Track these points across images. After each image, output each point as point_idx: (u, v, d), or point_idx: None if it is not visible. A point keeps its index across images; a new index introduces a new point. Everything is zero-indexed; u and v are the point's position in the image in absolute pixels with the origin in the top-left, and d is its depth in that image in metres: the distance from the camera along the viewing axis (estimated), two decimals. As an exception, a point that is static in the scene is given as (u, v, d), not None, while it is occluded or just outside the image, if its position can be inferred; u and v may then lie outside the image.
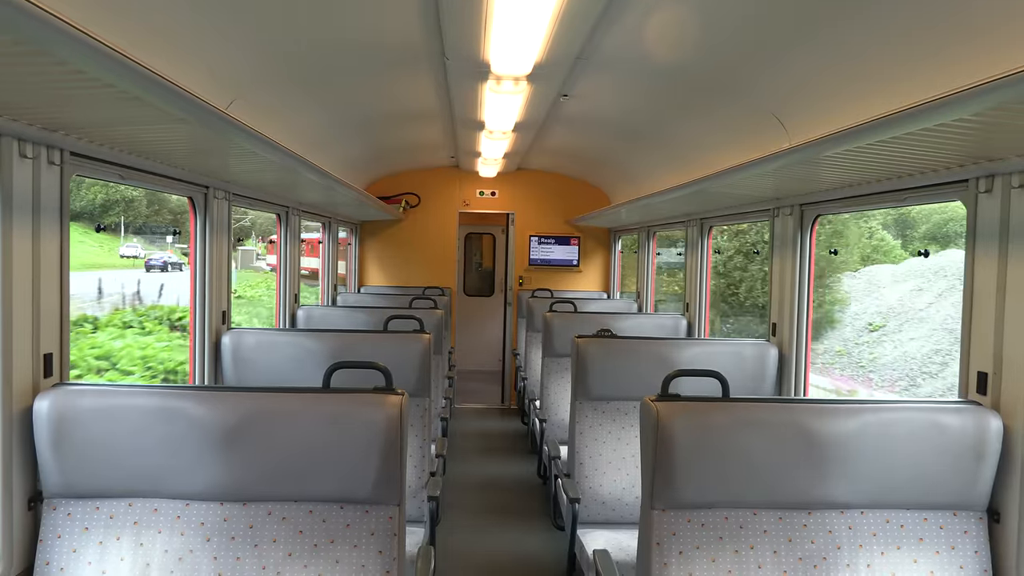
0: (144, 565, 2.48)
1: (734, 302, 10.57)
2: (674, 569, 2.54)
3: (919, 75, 2.38)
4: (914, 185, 3.20)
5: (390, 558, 2.52)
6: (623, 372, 4.30)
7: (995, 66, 1.84)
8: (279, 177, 4.44)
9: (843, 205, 4.01)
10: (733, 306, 10.06)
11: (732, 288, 10.85)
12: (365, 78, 4.44)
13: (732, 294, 12.34)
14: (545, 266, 9.95)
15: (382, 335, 4.41)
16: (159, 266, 17.99)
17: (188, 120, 2.49)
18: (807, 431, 2.56)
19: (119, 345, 9.50)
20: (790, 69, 3.19)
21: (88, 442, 2.47)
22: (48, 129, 2.53)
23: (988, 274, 2.74)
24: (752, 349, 4.46)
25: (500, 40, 3.44)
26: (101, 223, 16.12)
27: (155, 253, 18.70)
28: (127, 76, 1.91)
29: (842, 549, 2.58)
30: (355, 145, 6.54)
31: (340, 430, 2.51)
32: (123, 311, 11.51)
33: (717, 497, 2.59)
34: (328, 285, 8.02)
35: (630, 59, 3.89)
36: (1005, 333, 2.65)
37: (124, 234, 18.81)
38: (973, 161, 2.69)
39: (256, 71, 3.43)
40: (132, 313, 11.17)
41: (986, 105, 1.89)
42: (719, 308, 10.30)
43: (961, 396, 2.85)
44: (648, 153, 6.19)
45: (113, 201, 17.28)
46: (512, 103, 4.89)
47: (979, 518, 2.64)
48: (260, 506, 2.54)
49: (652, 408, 2.57)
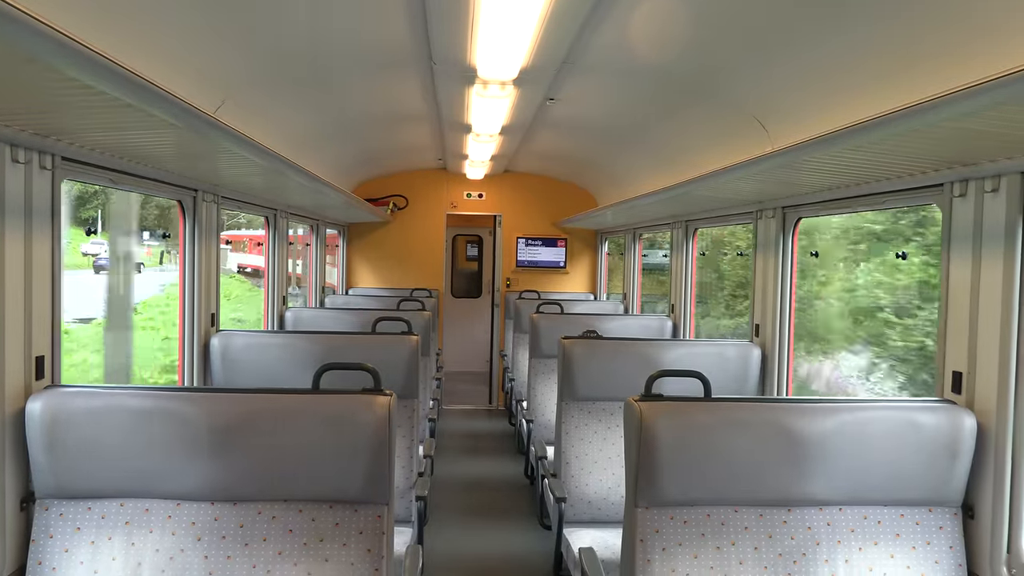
0: (136, 564, 2.51)
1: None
2: (657, 565, 2.59)
3: (898, 82, 2.45)
4: (892, 189, 3.27)
5: (378, 556, 2.56)
6: (609, 373, 4.35)
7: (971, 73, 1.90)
8: (267, 180, 4.47)
9: (824, 208, 4.08)
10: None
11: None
12: (353, 81, 4.47)
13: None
14: (532, 268, 10.00)
15: (370, 337, 4.44)
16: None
17: (177, 125, 2.52)
18: (787, 430, 2.62)
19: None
20: (772, 74, 3.26)
21: (80, 443, 2.50)
22: (40, 135, 2.56)
23: (962, 276, 2.80)
24: (735, 350, 4.53)
25: (486, 45, 3.48)
26: (91, 227, 15.71)
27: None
28: (118, 83, 1.94)
29: (821, 545, 2.64)
30: (343, 147, 6.56)
31: (329, 431, 2.55)
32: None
33: (699, 495, 2.64)
34: (316, 287, 8.03)
35: (615, 63, 3.95)
36: (979, 333, 2.72)
37: (102, 230, 18.23)
38: (948, 166, 2.76)
39: (245, 73, 3.46)
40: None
41: (958, 112, 1.95)
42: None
43: (936, 395, 2.92)
44: (634, 156, 6.25)
45: (92, 192, 16.73)
46: (499, 107, 4.94)
47: (954, 514, 2.70)
48: (250, 506, 2.57)
49: (635, 408, 2.62)
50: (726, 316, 8.50)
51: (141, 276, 10.09)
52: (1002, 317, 2.61)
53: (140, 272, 11.72)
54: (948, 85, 1.93)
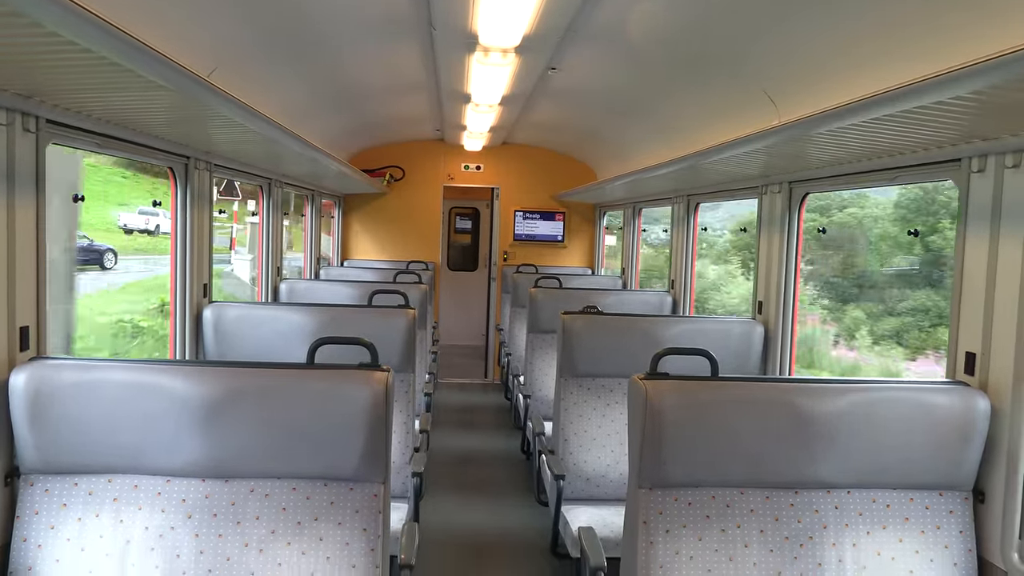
0: (124, 542, 2.44)
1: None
2: (660, 547, 2.53)
3: (913, 51, 2.35)
4: (905, 164, 3.18)
5: (374, 536, 2.49)
6: (610, 349, 4.28)
7: (995, 42, 1.81)
8: (262, 148, 4.37)
9: (833, 183, 3.99)
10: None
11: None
12: (350, 48, 4.35)
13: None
14: (530, 241, 9.91)
15: (367, 310, 4.36)
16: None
17: (168, 87, 2.41)
18: (796, 410, 2.55)
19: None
20: (781, 44, 3.15)
21: (66, 417, 2.42)
22: (22, 95, 2.45)
23: (979, 255, 2.72)
24: (739, 326, 4.46)
25: (489, 10, 3.37)
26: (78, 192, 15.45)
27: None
28: (105, 41, 1.85)
29: (828, 528, 2.58)
30: (339, 116, 6.44)
31: (325, 407, 2.47)
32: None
33: (704, 476, 2.58)
34: (311, 258, 7.94)
35: (620, 32, 3.84)
36: (995, 314, 2.65)
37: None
38: (966, 140, 2.66)
39: (238, 39, 3.35)
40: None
41: (985, 83, 1.86)
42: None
43: (949, 376, 2.85)
44: (635, 128, 6.14)
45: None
46: (499, 75, 4.83)
47: (964, 498, 2.65)
48: (243, 483, 2.50)
49: (641, 387, 2.55)
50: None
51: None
52: (1020, 297, 2.53)
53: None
54: (969, 56, 1.83)
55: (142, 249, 10.50)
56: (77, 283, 6.84)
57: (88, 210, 8.55)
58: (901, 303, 7.21)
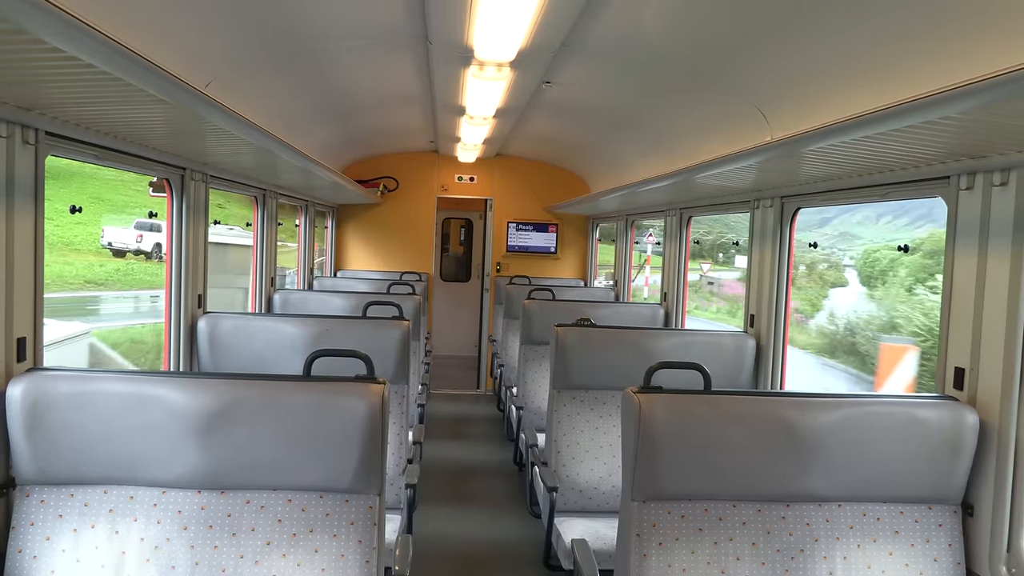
0: (119, 553, 2.44)
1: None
2: (653, 560, 2.55)
3: (905, 71, 2.39)
4: (896, 180, 3.22)
5: (369, 547, 2.50)
6: (603, 362, 4.30)
7: (984, 63, 1.85)
8: (257, 159, 4.38)
9: (824, 199, 4.03)
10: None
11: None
12: (346, 60, 4.37)
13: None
14: (523, 252, 9.94)
15: (361, 321, 4.37)
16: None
17: (166, 100, 2.43)
18: (788, 424, 2.57)
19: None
20: (774, 61, 3.19)
21: (62, 428, 2.43)
22: (22, 108, 2.47)
23: (967, 271, 2.76)
24: (731, 340, 4.49)
25: (485, 25, 3.40)
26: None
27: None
28: (106, 56, 1.86)
29: (819, 541, 2.60)
30: (334, 127, 6.46)
31: (322, 418, 2.48)
32: None
33: (697, 489, 2.60)
34: (304, 269, 7.94)
35: (615, 48, 3.87)
36: (983, 329, 2.68)
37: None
38: (955, 158, 2.71)
39: (234, 52, 3.37)
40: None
41: (974, 104, 1.89)
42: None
43: (938, 391, 2.88)
44: (629, 142, 6.18)
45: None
46: (494, 89, 4.85)
47: (953, 512, 2.67)
48: (238, 495, 2.50)
49: (634, 400, 2.57)
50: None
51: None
52: (1008, 313, 2.57)
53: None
54: (958, 77, 1.87)
55: (139, 281, 8.46)
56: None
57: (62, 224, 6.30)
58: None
